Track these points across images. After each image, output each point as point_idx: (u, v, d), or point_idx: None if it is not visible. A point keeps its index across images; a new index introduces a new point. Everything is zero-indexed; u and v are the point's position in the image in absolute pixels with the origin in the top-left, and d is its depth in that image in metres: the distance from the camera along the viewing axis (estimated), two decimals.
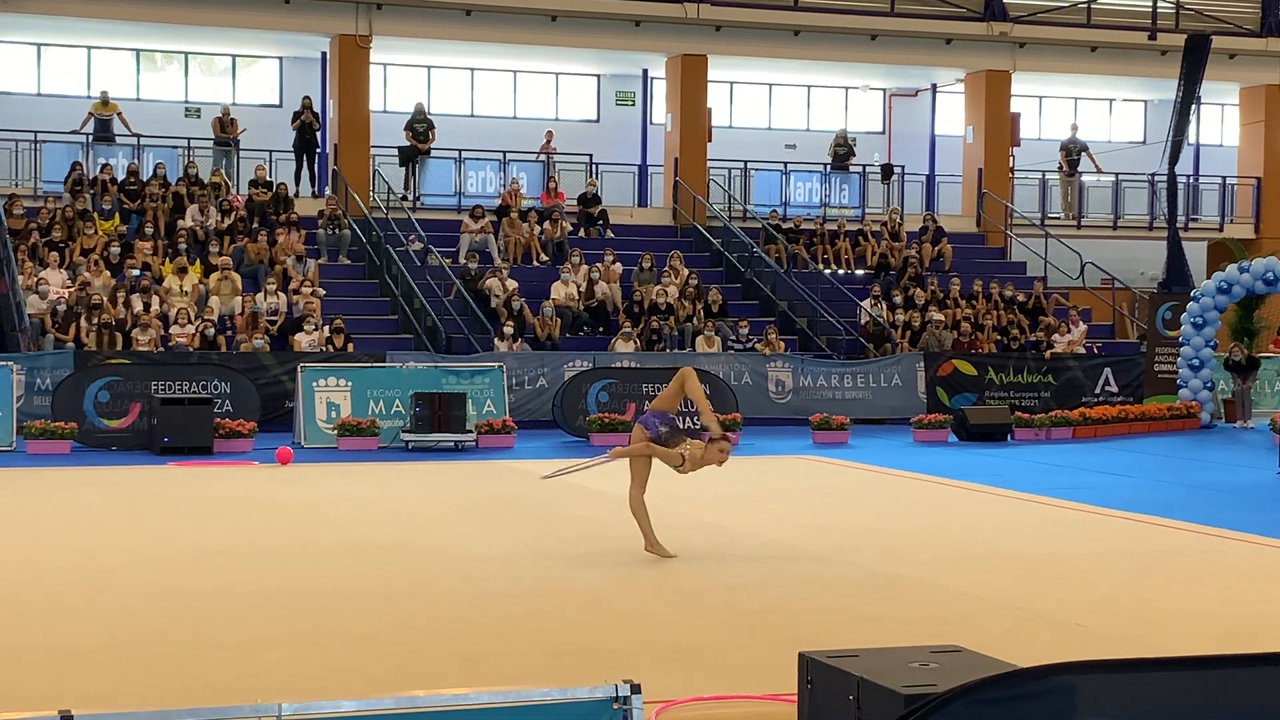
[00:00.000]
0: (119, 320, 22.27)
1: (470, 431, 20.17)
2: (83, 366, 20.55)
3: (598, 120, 32.86)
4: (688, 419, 19.68)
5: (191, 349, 22.22)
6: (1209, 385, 25.29)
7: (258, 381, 21.13)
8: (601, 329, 25.32)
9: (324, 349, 22.54)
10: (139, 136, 27.96)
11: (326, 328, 22.98)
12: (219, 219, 26.08)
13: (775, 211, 29.91)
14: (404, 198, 28.65)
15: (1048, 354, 26.08)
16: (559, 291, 25.58)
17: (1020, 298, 28.17)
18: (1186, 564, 11.61)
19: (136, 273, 23.69)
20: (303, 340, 22.80)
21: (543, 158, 30.08)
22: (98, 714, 4.39)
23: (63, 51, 30.11)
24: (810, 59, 31.18)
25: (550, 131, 30.65)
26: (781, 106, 34.19)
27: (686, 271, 26.78)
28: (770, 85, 33.87)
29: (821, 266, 28.45)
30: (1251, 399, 25.72)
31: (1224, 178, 34.24)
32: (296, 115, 28.34)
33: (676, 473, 11.51)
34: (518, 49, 30.07)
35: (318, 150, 28.85)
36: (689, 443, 11.33)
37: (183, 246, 24.80)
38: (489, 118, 31.96)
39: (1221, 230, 33.82)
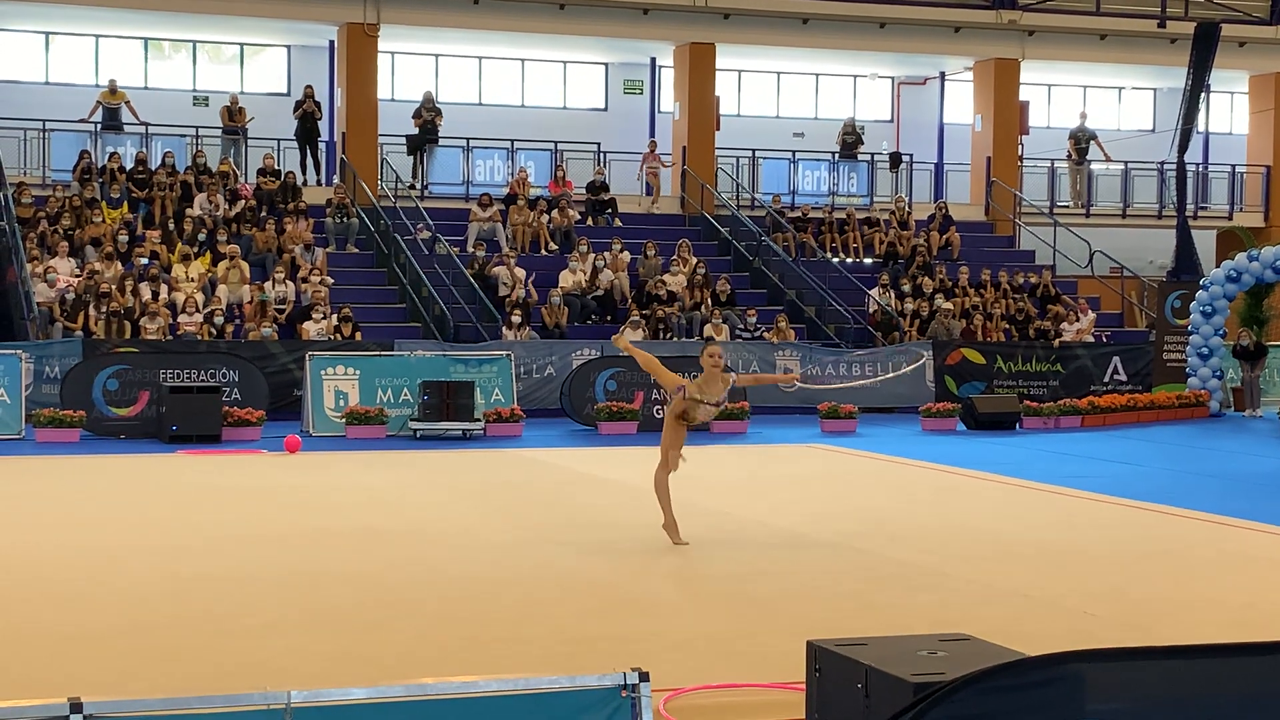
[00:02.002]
0: (127, 309, 22.29)
1: (478, 420, 20.18)
2: (91, 355, 20.57)
3: (606, 109, 32.84)
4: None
5: (200, 337, 22.24)
6: (1218, 374, 25.25)
7: (266, 370, 21.14)
8: (609, 317, 25.31)
9: (332, 337, 22.55)
10: (147, 125, 27.97)
11: (334, 316, 23.00)
12: (227, 208, 26.09)
13: (777, 197, 29.87)
14: (412, 186, 28.65)
15: (1056, 342, 26.05)
16: (567, 280, 25.57)
17: (1034, 279, 28.17)
18: (1195, 552, 11.59)
19: (145, 261, 23.71)
20: (311, 329, 22.81)
21: (640, 165, 30.09)
22: (107, 700, 4.39)
23: (71, 40, 30.12)
24: (818, 47, 31.14)
25: (653, 142, 30.44)
26: (790, 95, 34.15)
27: (695, 260, 26.76)
28: (778, 73, 33.82)
29: (830, 255, 28.43)
30: (1260, 388, 25.68)
31: (1233, 166, 34.17)
32: (298, 105, 28.35)
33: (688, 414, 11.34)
34: (526, 37, 30.05)
35: (320, 139, 28.85)
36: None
37: (195, 236, 24.80)
38: (497, 106, 31.95)
39: (1231, 218, 33.76)
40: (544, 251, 27.27)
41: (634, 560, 10.88)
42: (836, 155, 31.78)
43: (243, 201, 26.25)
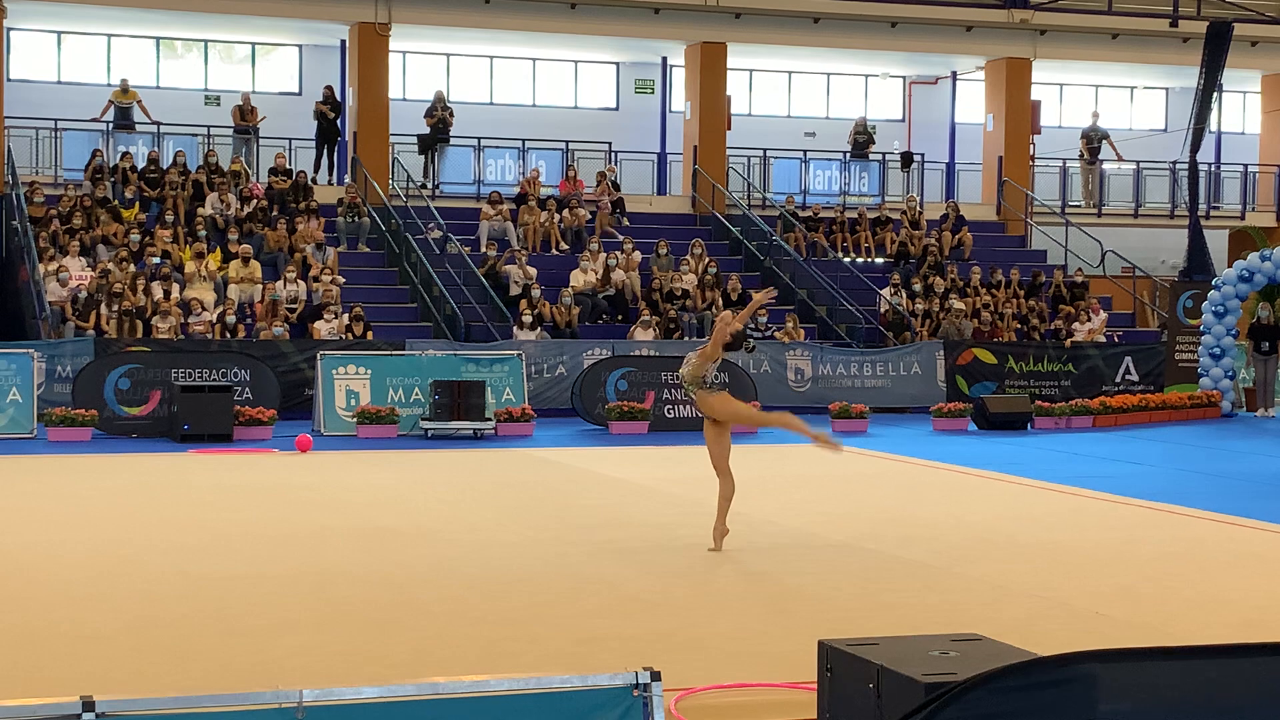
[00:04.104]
0: (139, 308, 22.33)
1: (489, 419, 20.19)
2: (103, 354, 20.61)
3: (617, 108, 32.84)
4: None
5: (212, 337, 22.27)
6: (1230, 374, 25.21)
7: (277, 369, 21.17)
8: (620, 317, 25.31)
9: (343, 337, 22.57)
10: (159, 124, 28.02)
11: (346, 315, 23.02)
12: (239, 207, 26.12)
13: (791, 197, 29.86)
14: (423, 186, 28.67)
15: (1068, 342, 26.01)
16: (578, 279, 25.57)
17: (1049, 278, 28.13)
18: (1207, 553, 11.58)
19: (157, 260, 23.75)
20: (322, 328, 22.84)
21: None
22: (120, 699, 4.40)
23: (83, 39, 30.18)
24: (830, 46, 31.12)
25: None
26: (801, 94, 34.14)
27: (706, 259, 26.75)
28: (790, 73, 33.81)
29: (841, 255, 28.41)
30: (1274, 388, 25.61)
31: (1246, 165, 34.10)
32: (319, 105, 28.40)
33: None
34: (537, 37, 30.07)
35: (339, 138, 28.89)
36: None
37: (202, 234, 24.85)
38: (508, 105, 31.97)
39: (1243, 218, 33.70)
40: (555, 251, 27.27)
41: (645, 560, 10.88)
42: (848, 155, 31.75)
43: (254, 201, 26.28)
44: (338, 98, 28.67)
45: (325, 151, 28.68)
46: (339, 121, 28.83)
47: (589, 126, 31.32)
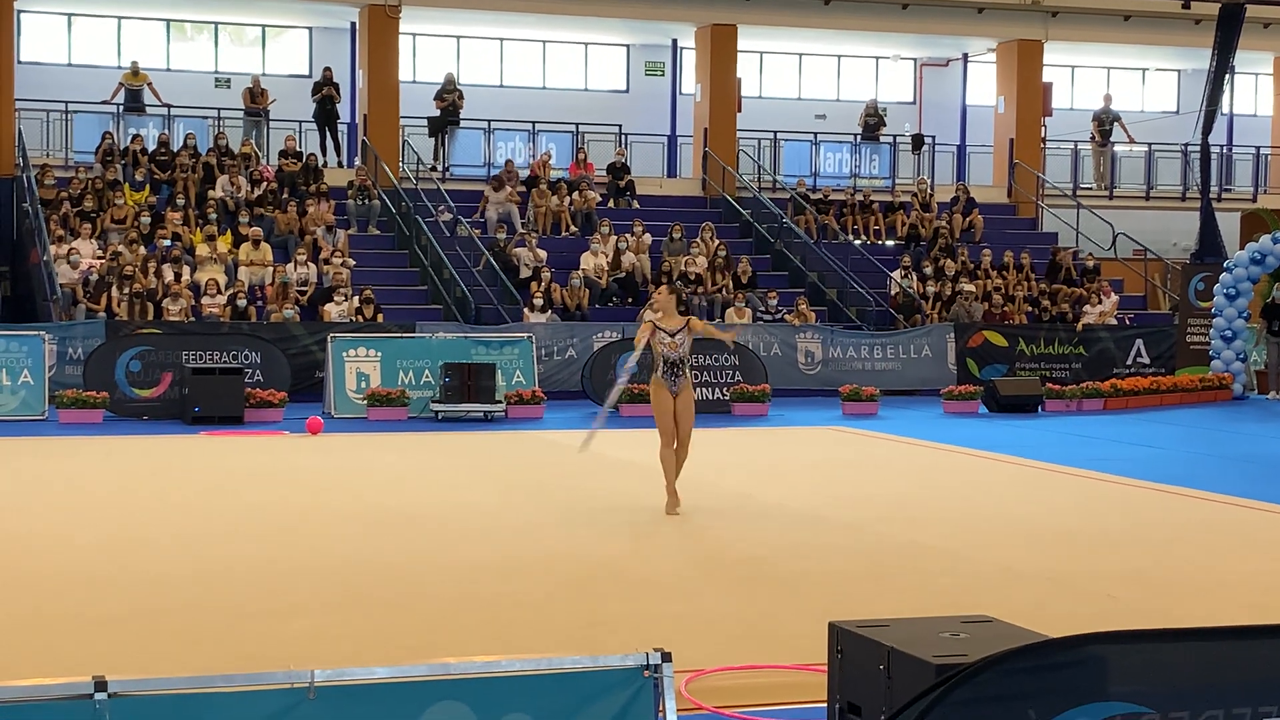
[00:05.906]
0: (150, 290, 22.35)
1: (500, 402, 20.20)
2: (114, 336, 20.64)
3: (627, 91, 32.79)
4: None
5: (222, 319, 22.30)
6: (1241, 356, 25.15)
7: (288, 351, 21.19)
8: (630, 299, 25.30)
9: (354, 319, 22.58)
10: (169, 107, 28.00)
11: (356, 298, 23.03)
12: (249, 189, 26.12)
13: (801, 180, 29.81)
14: (433, 168, 28.66)
15: (1079, 325, 25.96)
16: (588, 262, 25.56)
17: (1068, 263, 28.05)
18: (1218, 535, 11.57)
19: (167, 243, 23.77)
20: (332, 310, 22.85)
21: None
22: (132, 679, 4.41)
23: (93, 22, 30.16)
24: (840, 28, 31.03)
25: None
26: (811, 76, 34.05)
27: (716, 242, 26.72)
28: (800, 55, 33.72)
29: (851, 237, 28.37)
30: None
31: (1258, 148, 33.99)
32: (318, 87, 28.36)
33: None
34: (547, 19, 30.01)
35: (339, 121, 28.85)
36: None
37: (213, 217, 24.86)
38: (518, 88, 31.92)
39: (1255, 200, 33.57)
40: (565, 233, 27.26)
41: (655, 542, 10.89)
42: (858, 137, 31.69)
43: (264, 183, 26.28)
44: (334, 79, 28.53)
45: (329, 133, 28.62)
46: (342, 104, 28.75)
47: (599, 109, 31.27)
